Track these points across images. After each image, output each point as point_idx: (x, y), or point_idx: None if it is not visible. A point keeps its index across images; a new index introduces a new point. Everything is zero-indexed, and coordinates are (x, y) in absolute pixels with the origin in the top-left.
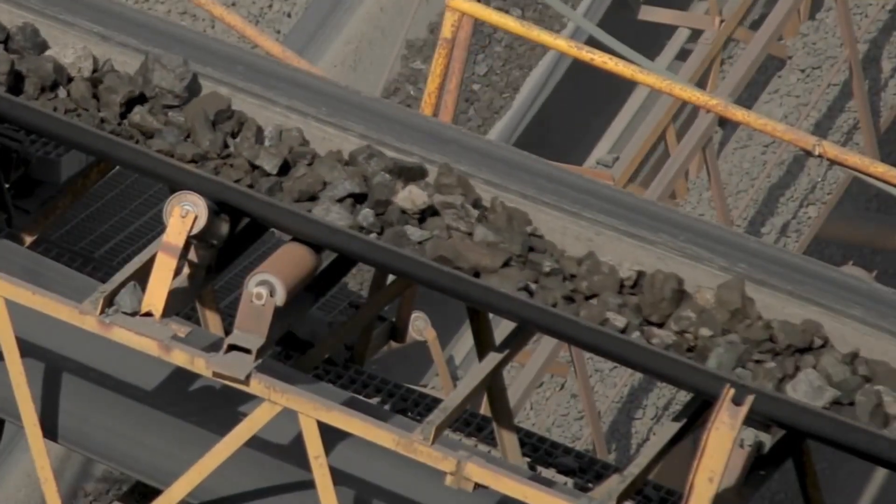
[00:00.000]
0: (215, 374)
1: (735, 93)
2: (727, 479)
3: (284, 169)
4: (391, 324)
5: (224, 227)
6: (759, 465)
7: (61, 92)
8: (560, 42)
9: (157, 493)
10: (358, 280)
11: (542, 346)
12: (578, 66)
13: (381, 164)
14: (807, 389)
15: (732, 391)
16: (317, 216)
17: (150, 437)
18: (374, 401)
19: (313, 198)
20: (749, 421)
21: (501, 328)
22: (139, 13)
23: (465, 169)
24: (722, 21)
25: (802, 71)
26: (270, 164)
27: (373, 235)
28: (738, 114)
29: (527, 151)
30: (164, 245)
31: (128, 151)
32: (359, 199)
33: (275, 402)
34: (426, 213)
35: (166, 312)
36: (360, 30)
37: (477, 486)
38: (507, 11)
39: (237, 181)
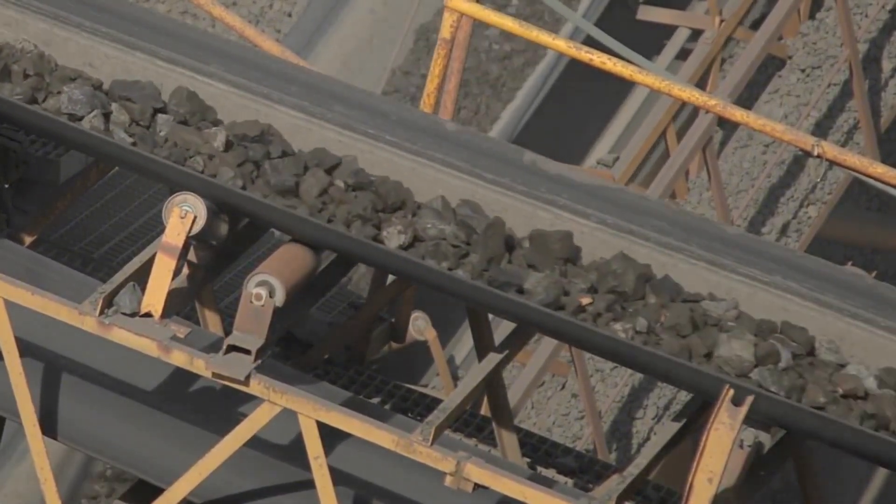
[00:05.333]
0: (215, 375)
1: (735, 92)
2: (727, 479)
3: None
4: (391, 324)
5: (223, 228)
6: (759, 466)
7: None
8: (559, 42)
9: (157, 492)
10: (353, 277)
11: (543, 346)
12: (578, 66)
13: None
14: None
15: (732, 391)
16: (317, 218)
17: (150, 437)
18: (375, 401)
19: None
20: (749, 421)
21: (501, 328)
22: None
23: (463, 164)
24: (722, 21)
25: (802, 71)
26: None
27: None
28: (737, 114)
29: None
30: (163, 245)
31: (127, 153)
32: None
33: (274, 402)
34: None
35: (166, 313)
36: (361, 29)
37: (477, 486)
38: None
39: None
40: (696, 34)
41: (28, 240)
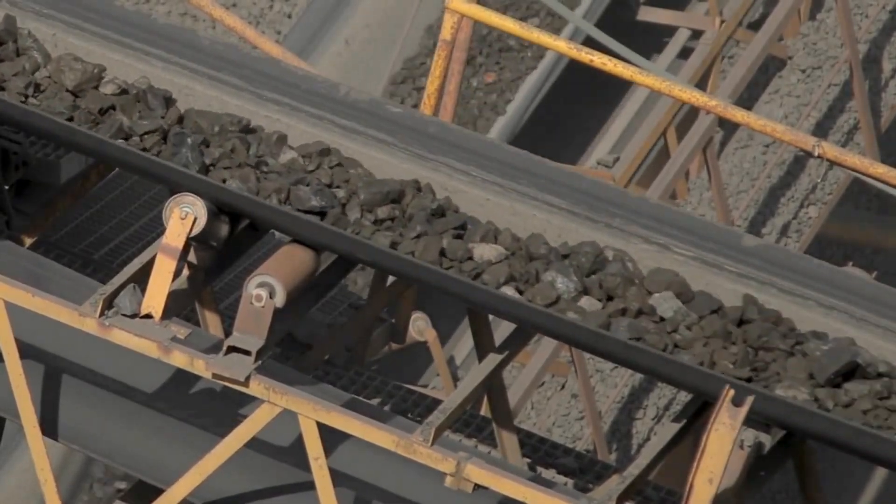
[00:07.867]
0: (215, 376)
1: (735, 93)
2: (727, 480)
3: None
4: (391, 325)
5: (224, 229)
6: (759, 466)
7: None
8: (560, 43)
9: (157, 493)
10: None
11: (543, 347)
12: (578, 66)
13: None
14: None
15: (732, 392)
16: (315, 220)
17: (150, 438)
18: (375, 402)
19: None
20: (749, 421)
21: (501, 329)
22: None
23: (464, 167)
24: (722, 21)
25: (803, 71)
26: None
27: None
28: (737, 115)
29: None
30: (163, 247)
31: (127, 154)
32: None
33: (275, 403)
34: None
35: (166, 314)
36: (361, 31)
37: (477, 487)
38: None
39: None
40: (696, 35)
41: (28, 241)
